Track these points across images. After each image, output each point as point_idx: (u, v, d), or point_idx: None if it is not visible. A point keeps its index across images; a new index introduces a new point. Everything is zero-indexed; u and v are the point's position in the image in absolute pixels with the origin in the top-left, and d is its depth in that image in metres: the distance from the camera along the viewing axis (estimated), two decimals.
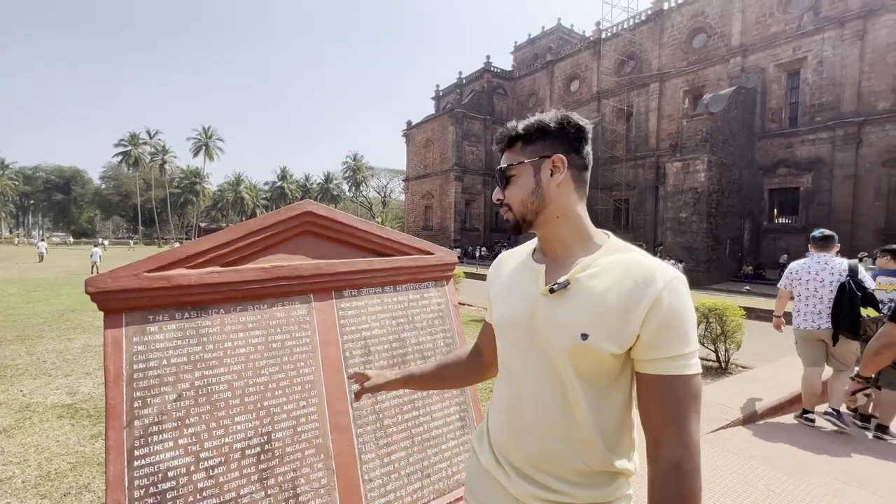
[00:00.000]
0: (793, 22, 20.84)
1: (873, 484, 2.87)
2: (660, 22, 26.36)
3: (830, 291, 3.63)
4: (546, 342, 0.81)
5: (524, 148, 0.87)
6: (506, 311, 0.89)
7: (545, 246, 0.89)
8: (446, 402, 1.73)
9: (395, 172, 62.09)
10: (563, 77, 33.53)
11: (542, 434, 0.83)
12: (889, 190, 18.08)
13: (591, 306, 0.78)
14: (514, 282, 0.91)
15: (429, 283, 1.86)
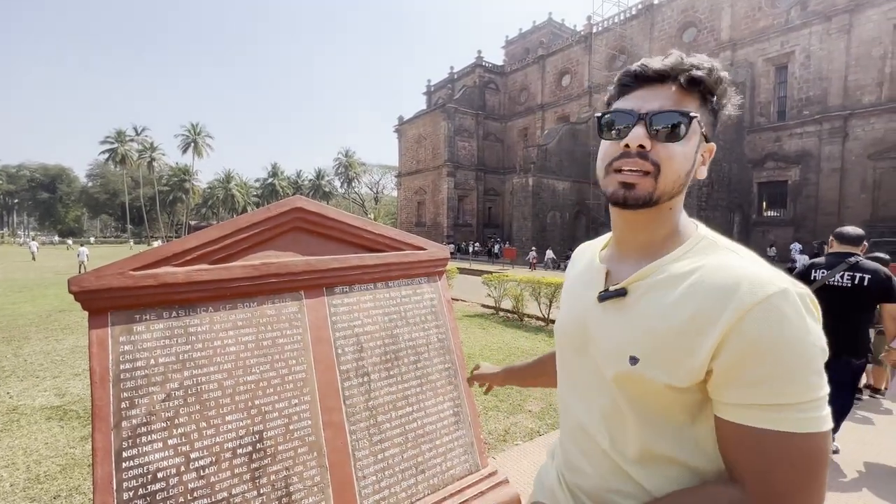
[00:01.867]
0: (780, 16, 21.02)
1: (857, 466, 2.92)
2: (650, 16, 26.43)
3: None
4: (595, 360, 0.69)
5: (703, 103, 0.64)
6: (563, 316, 0.80)
7: (632, 237, 0.69)
8: (440, 398, 1.73)
9: (387, 168, 61.84)
10: (554, 71, 33.52)
11: (597, 469, 0.69)
12: (874, 182, 18.39)
13: (646, 323, 0.62)
14: (578, 282, 0.80)
15: (421, 279, 1.85)
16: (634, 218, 0.67)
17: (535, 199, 26.89)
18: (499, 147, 38.55)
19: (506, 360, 5.49)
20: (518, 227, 27.91)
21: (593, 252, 0.79)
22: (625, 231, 0.70)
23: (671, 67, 0.63)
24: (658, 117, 0.61)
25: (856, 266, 2.94)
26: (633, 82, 0.66)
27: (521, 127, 36.76)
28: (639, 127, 0.62)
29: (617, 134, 0.64)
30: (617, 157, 0.64)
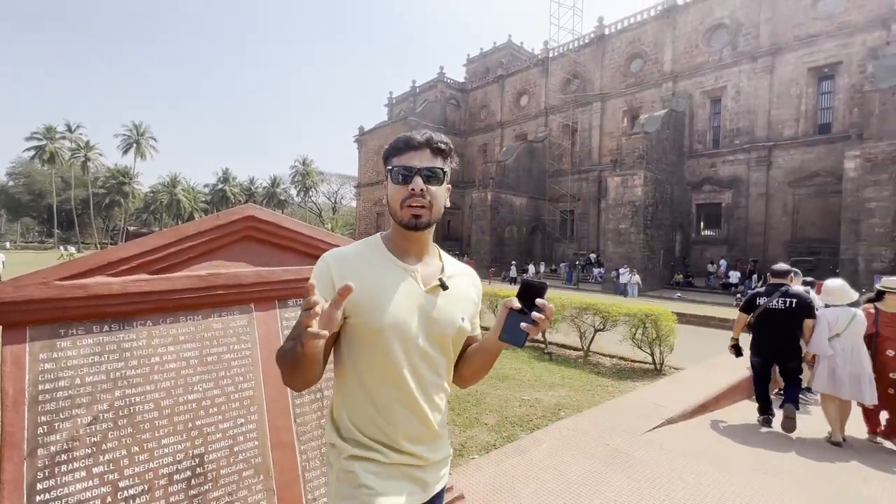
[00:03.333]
0: (715, 54, 23.10)
1: (784, 472, 3.17)
2: (601, 46, 28.14)
3: None
4: (439, 329, 0.99)
5: (444, 161, 1.02)
6: (395, 310, 0.95)
7: (416, 249, 1.03)
8: None
9: (346, 178, 60.89)
10: (513, 91, 34.73)
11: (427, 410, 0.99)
12: (794, 207, 20.41)
13: (461, 299, 1.05)
14: (389, 283, 0.97)
15: None
16: (418, 237, 1.01)
17: (493, 213, 27.44)
18: (459, 161, 39.16)
19: None
20: (477, 240, 28.31)
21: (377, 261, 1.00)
22: (411, 244, 1.02)
23: (427, 140, 0.99)
24: (428, 170, 0.97)
25: (786, 293, 4.00)
26: (405, 147, 0.99)
27: (480, 143, 37.61)
28: (418, 177, 0.96)
29: (403, 181, 0.97)
30: (407, 196, 0.96)
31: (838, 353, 3.69)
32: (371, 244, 1.05)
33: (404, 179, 0.96)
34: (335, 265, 0.98)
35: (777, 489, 2.86)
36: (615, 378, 5.79)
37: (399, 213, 0.98)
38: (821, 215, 19.20)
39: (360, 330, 0.96)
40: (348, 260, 1.00)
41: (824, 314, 3.87)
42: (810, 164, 19.80)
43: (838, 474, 3.19)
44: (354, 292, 0.90)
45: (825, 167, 18.99)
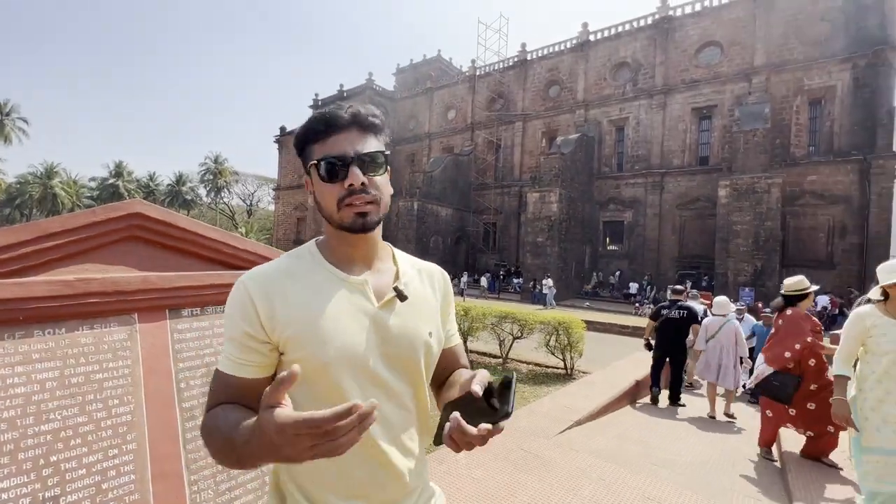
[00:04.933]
0: (619, 88, 25.85)
1: (672, 463, 3.55)
2: (524, 69, 30.02)
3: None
4: (401, 352, 0.79)
5: (379, 140, 0.81)
6: (340, 342, 0.74)
7: (363, 254, 0.82)
8: None
9: (264, 180, 57.17)
10: (441, 105, 35.51)
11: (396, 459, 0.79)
12: (680, 226, 23.40)
13: (425, 309, 0.85)
14: (326, 307, 0.75)
15: None
16: (364, 239, 0.81)
17: (419, 223, 27.60)
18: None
19: None
20: (402, 249, 28.15)
21: (309, 274, 0.79)
22: (355, 250, 0.82)
23: (354, 116, 0.78)
24: (366, 156, 0.77)
25: (681, 306, 5.51)
26: (327, 129, 0.77)
27: (408, 152, 37.77)
28: (354, 167, 0.75)
29: (336, 176, 0.76)
30: (345, 195, 0.76)
31: (712, 350, 5.00)
32: (303, 256, 0.82)
33: (337, 173, 0.75)
34: (257, 289, 0.75)
35: (667, 479, 3.19)
36: (531, 383, 6.07)
37: (336, 214, 0.77)
38: (700, 235, 22.22)
39: (302, 367, 0.78)
40: (273, 280, 0.76)
41: (706, 321, 5.23)
42: (693, 190, 22.90)
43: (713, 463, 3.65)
44: (292, 321, 0.73)
45: (704, 194, 22.08)
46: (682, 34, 23.72)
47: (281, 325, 0.73)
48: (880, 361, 2.20)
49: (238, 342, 0.74)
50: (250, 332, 0.73)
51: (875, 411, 2.19)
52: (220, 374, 0.75)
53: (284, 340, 0.73)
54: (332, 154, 0.76)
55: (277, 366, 0.76)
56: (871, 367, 2.25)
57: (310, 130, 0.79)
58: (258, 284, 0.75)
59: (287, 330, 0.73)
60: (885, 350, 2.18)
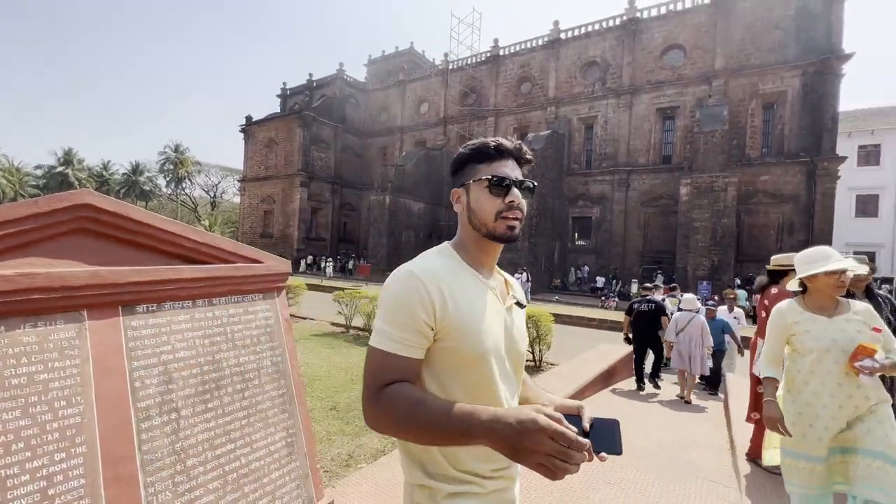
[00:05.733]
0: (589, 86, 26.43)
1: (641, 449, 3.70)
2: (496, 65, 30.16)
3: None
4: (519, 350, 0.96)
5: (526, 173, 0.99)
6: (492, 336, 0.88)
7: (491, 262, 0.98)
8: (271, 429, 1.55)
9: (229, 171, 55.03)
10: (413, 98, 35.21)
11: None
12: (645, 223, 24.29)
13: (524, 313, 1.03)
14: (476, 303, 0.89)
15: (255, 296, 1.66)
16: (497, 250, 0.97)
17: (391, 217, 27.39)
18: (357, 162, 38.29)
19: (356, 379, 5.32)
20: (374, 243, 27.93)
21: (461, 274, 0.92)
22: (488, 258, 0.97)
23: (517, 149, 0.96)
24: (523, 183, 0.93)
25: (650, 301, 6.19)
26: (497, 154, 0.94)
27: (380, 145, 37.31)
28: (515, 189, 0.92)
29: (501, 192, 0.91)
30: (504, 209, 0.91)
31: (681, 341, 5.59)
32: (449, 255, 0.95)
33: (501, 191, 0.91)
34: (430, 282, 0.85)
35: (631, 464, 3.33)
36: None
37: (491, 224, 0.92)
38: (663, 231, 23.14)
39: (456, 355, 0.86)
40: (440, 276, 0.87)
41: (676, 316, 5.81)
42: (657, 188, 23.77)
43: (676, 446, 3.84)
44: (459, 313, 0.85)
45: (667, 191, 22.97)
46: (649, 36, 24.46)
47: (448, 316, 0.84)
48: (805, 361, 2.04)
49: (412, 328, 0.83)
50: (426, 319, 0.83)
51: (802, 415, 2.03)
52: (392, 357, 0.83)
53: (446, 329, 0.84)
54: (500, 174, 0.91)
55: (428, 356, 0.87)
56: (798, 367, 2.08)
57: (479, 151, 0.95)
58: (430, 277, 0.86)
59: (452, 321, 0.84)
60: (809, 348, 2.02)
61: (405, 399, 0.78)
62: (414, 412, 0.76)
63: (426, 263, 0.89)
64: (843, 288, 2.00)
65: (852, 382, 1.93)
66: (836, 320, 2.00)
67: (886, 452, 1.82)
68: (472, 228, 0.94)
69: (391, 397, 0.79)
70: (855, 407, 1.94)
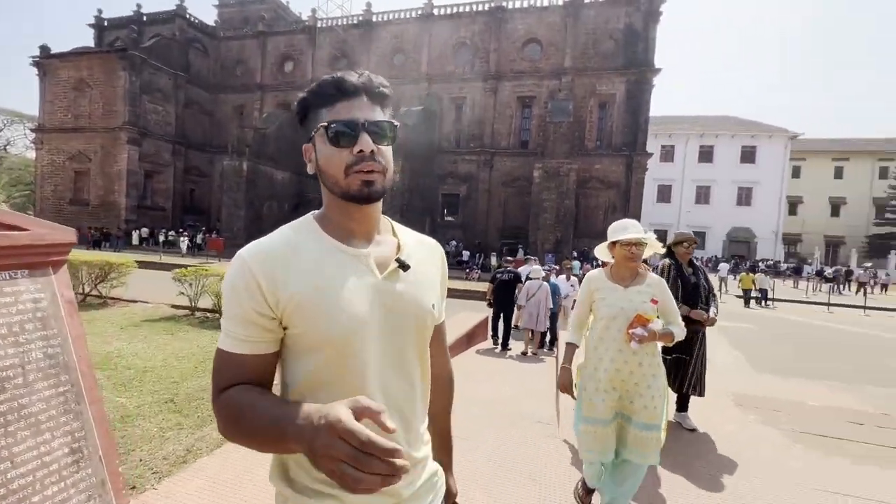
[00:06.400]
0: (460, 67, 27.30)
1: (483, 400, 4.11)
2: (369, 31, 28.87)
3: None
4: (406, 323, 0.79)
5: (385, 111, 0.80)
6: (347, 315, 0.73)
7: (365, 227, 0.81)
8: (45, 436, 1.26)
9: (17, 117, 42.16)
10: (276, 53, 31.63)
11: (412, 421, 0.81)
12: (505, 201, 26.68)
13: (427, 279, 0.85)
14: (332, 280, 0.74)
15: (17, 273, 1.30)
16: (367, 211, 0.80)
17: (249, 185, 24.62)
18: (207, 121, 33.07)
19: (200, 366, 4.74)
20: (229, 215, 24.84)
21: (315, 246, 0.77)
22: (357, 223, 0.80)
23: (365, 84, 0.77)
24: (375, 125, 0.76)
25: (509, 271, 7.09)
26: (337, 94, 0.76)
27: (236, 103, 32.78)
28: (365, 134, 0.74)
29: (345, 141, 0.74)
30: (354, 160, 0.74)
31: (531, 305, 6.51)
32: (302, 229, 0.79)
33: (346, 139, 0.74)
34: (259, 265, 0.71)
35: (486, 418, 3.70)
36: None
37: (343, 182, 0.75)
38: (520, 209, 25.75)
39: (306, 342, 0.73)
40: (277, 256, 0.73)
41: (527, 284, 6.72)
42: (515, 170, 26.18)
43: (515, 401, 4.40)
44: (296, 295, 0.71)
45: (523, 174, 25.49)
46: (513, 26, 26.20)
47: (285, 300, 0.71)
48: (598, 327, 2.15)
49: (244, 320, 0.71)
50: (255, 307, 0.71)
51: (591, 379, 2.13)
52: (226, 355, 0.73)
53: (289, 315, 0.72)
54: (343, 119, 0.75)
55: (283, 339, 0.75)
56: (593, 333, 2.19)
57: (317, 94, 0.78)
58: (260, 260, 0.72)
59: (290, 304, 0.71)
60: (602, 315, 2.12)
61: (233, 405, 0.68)
62: (238, 419, 0.67)
63: (262, 243, 0.75)
64: (634, 259, 2.10)
65: (629, 349, 2.06)
66: (630, 290, 2.10)
67: (647, 423, 2.06)
68: (328, 191, 0.79)
69: (224, 403, 0.69)
70: (630, 373, 2.08)
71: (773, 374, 6.16)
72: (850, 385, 5.77)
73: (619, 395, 2.10)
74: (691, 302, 3.45)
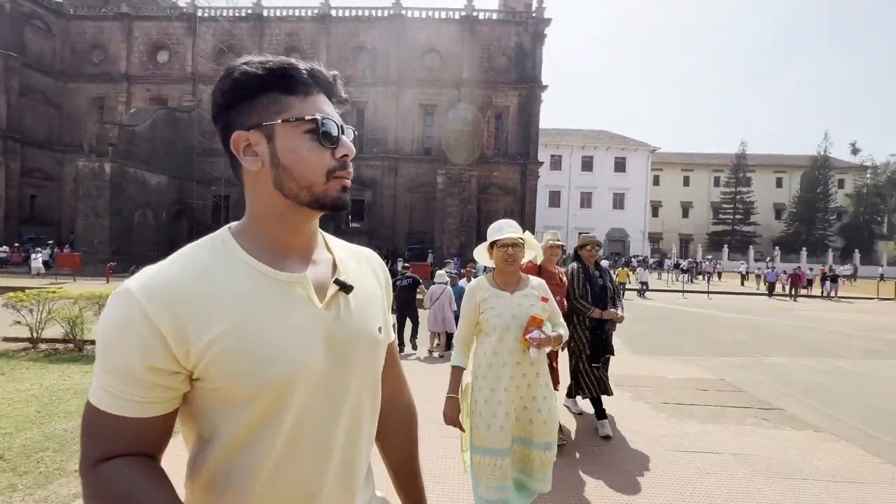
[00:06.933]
0: (361, 71, 26.86)
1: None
2: (260, 26, 26.94)
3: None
4: (354, 355, 0.68)
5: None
6: (285, 357, 0.59)
7: (304, 241, 0.69)
8: None
9: None
10: (146, 41, 27.80)
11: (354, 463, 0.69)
12: (411, 207, 26.87)
13: (369, 299, 0.74)
14: (261, 317, 0.60)
15: None
16: (313, 223, 0.70)
17: (115, 191, 21.15)
18: (53, 113, 27.68)
19: (45, 411, 3.91)
20: (86, 226, 20.97)
21: (243, 274, 0.62)
22: (298, 236, 0.68)
23: (330, 81, 0.68)
24: (347, 129, 0.67)
25: (409, 276, 7.41)
26: (309, 83, 0.65)
27: (93, 95, 28.00)
28: (346, 137, 0.66)
29: (330, 143, 0.64)
30: (337, 165, 0.65)
31: (437, 309, 6.85)
32: (217, 251, 0.63)
33: (331, 140, 0.64)
34: (159, 307, 0.55)
35: None
36: None
37: (320, 186, 0.64)
38: (425, 214, 26.15)
39: (229, 396, 0.58)
40: (186, 292, 0.57)
41: (432, 288, 7.05)
42: (420, 176, 26.55)
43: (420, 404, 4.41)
44: (216, 343, 0.56)
45: (428, 180, 25.96)
46: (413, 35, 26.62)
47: (198, 351, 0.56)
48: (489, 341, 1.91)
49: (130, 378, 0.54)
50: (154, 364, 0.54)
51: (487, 403, 1.87)
52: (105, 416, 0.55)
53: (203, 368, 0.56)
54: (325, 115, 0.64)
55: (185, 395, 0.59)
56: (483, 349, 1.94)
57: (284, 77, 0.63)
58: (160, 300, 0.55)
59: (206, 355, 0.56)
60: (493, 326, 1.89)
61: (118, 494, 0.53)
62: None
63: (163, 273, 0.58)
64: (511, 261, 1.93)
65: (528, 361, 1.88)
66: (517, 295, 1.94)
67: (548, 441, 1.89)
68: (280, 195, 0.63)
69: (104, 485, 0.54)
70: (528, 386, 1.90)
71: (645, 355, 7.13)
72: (698, 358, 6.92)
73: (517, 417, 1.89)
74: (602, 304, 3.52)
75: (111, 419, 0.55)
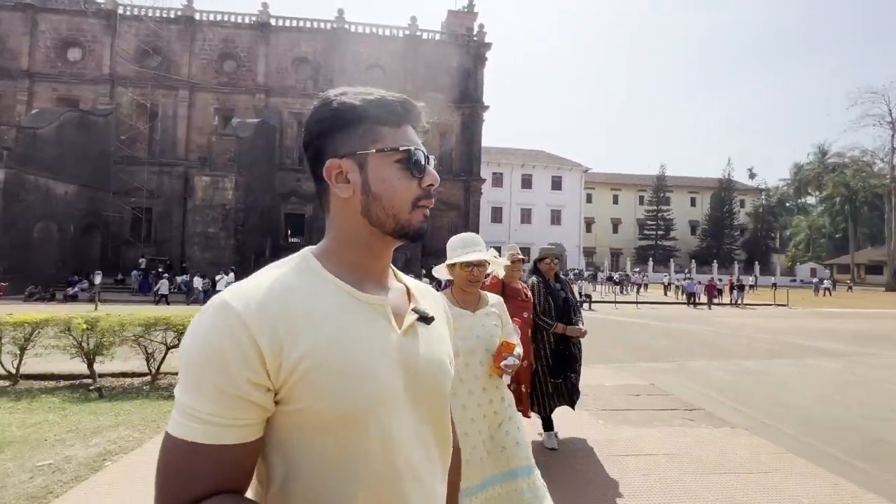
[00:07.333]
0: (301, 82, 26.20)
1: None
2: (191, 29, 25.44)
3: None
4: (431, 389, 0.67)
5: None
6: (376, 383, 0.58)
7: (381, 269, 0.70)
8: None
9: None
10: (55, 35, 25.12)
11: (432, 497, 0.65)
12: None
13: (440, 332, 0.74)
14: (349, 338, 0.58)
15: None
16: (393, 248, 0.69)
17: (11, 200, 18.56)
18: None
19: None
20: None
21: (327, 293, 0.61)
22: (377, 262, 0.69)
23: (418, 113, 0.69)
24: (431, 158, 0.68)
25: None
26: (406, 115, 0.67)
27: None
28: (431, 167, 0.67)
29: (418, 171, 0.65)
30: (423, 195, 0.66)
31: None
32: (302, 270, 0.63)
33: (419, 169, 0.65)
34: (260, 319, 0.54)
35: None
36: None
37: (406, 215, 0.65)
38: None
39: (315, 420, 0.56)
40: (282, 304, 0.56)
41: None
42: None
43: None
44: (306, 359, 0.55)
45: None
46: (356, 49, 26.54)
47: (289, 367, 0.54)
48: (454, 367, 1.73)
49: (232, 396, 0.52)
50: (253, 377, 0.52)
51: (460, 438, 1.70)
52: (196, 447, 0.51)
53: (291, 386, 0.54)
54: (415, 146, 0.65)
55: (269, 420, 0.56)
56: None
57: (383, 108, 0.66)
58: (257, 311, 0.54)
59: (296, 372, 0.54)
60: (458, 349, 1.66)
61: None
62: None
63: (257, 287, 0.57)
64: (475, 281, 1.84)
65: (493, 384, 1.77)
66: (478, 315, 1.85)
67: (527, 464, 1.76)
68: (367, 222, 0.65)
69: None
70: (494, 413, 1.78)
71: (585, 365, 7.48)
72: (630, 364, 7.40)
73: (488, 451, 1.73)
74: (566, 318, 3.43)
75: (202, 450, 0.51)
